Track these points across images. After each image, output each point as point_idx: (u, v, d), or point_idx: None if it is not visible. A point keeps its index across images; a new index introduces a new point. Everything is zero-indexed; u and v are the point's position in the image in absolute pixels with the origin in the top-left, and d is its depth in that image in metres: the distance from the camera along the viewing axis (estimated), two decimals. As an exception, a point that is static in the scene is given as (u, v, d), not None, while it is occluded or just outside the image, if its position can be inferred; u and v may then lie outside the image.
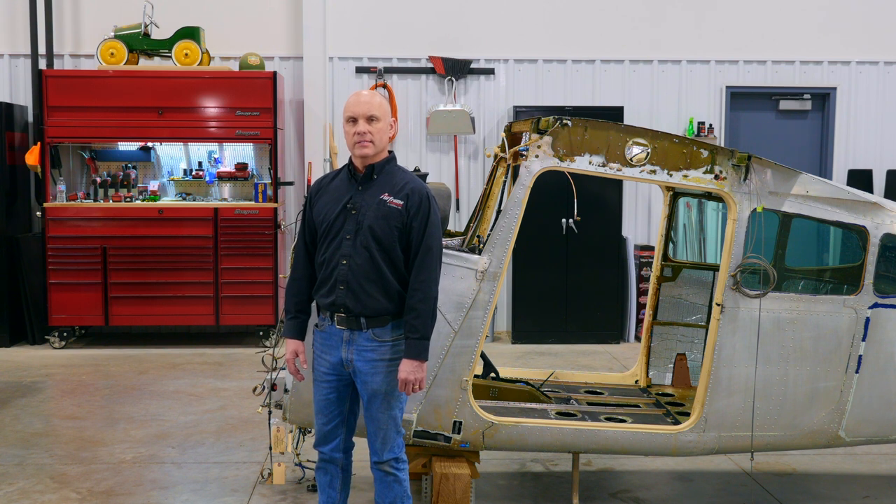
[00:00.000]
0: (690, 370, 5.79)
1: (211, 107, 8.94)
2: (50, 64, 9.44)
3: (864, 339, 4.75)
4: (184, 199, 9.28)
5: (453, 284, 4.49)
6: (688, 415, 4.92)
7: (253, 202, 9.12)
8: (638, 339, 9.21)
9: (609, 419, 4.94)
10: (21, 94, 9.68)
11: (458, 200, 9.90)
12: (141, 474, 5.49)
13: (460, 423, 4.62)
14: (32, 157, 8.91)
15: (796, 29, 10.02)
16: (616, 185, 9.32)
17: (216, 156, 9.44)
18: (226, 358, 8.66)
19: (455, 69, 9.77)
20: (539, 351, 9.08)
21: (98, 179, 9.11)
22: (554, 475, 5.57)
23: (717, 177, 4.60)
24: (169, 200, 9.27)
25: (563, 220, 9.24)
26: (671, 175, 4.60)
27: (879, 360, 4.79)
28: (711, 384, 4.64)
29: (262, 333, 9.20)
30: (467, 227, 5.71)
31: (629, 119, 9.61)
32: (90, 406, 6.96)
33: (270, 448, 5.20)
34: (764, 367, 4.66)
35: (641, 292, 9.35)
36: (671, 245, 5.92)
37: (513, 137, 5.27)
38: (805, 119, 10.24)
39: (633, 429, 4.76)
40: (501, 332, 9.86)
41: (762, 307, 4.62)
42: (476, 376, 5.31)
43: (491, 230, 4.67)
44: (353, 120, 3.83)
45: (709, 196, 5.64)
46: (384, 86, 9.68)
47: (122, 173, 9.18)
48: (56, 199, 8.94)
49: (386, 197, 3.82)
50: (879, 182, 10.10)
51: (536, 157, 4.53)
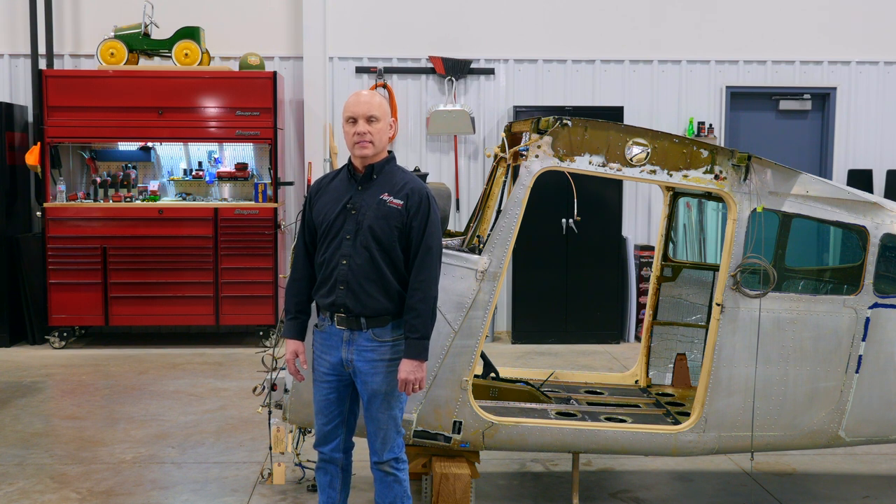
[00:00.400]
0: (690, 370, 5.79)
1: (211, 107, 8.94)
2: (50, 64, 9.44)
3: (864, 339, 4.75)
4: (184, 199, 9.28)
5: (453, 284, 4.49)
6: (688, 415, 4.92)
7: (253, 202, 9.12)
8: (638, 339, 9.21)
9: (609, 419, 4.94)
10: (21, 94, 9.68)
11: (458, 200, 9.89)
12: (141, 474, 5.48)
13: (460, 423, 4.62)
14: (32, 157, 8.91)
15: (796, 29, 10.02)
16: (616, 185, 9.32)
17: (216, 156, 9.44)
18: (226, 358, 8.66)
19: (455, 69, 9.77)
20: (539, 351, 9.08)
21: (98, 179, 9.11)
22: (554, 475, 5.57)
23: (717, 177, 4.60)
24: (169, 200, 9.27)
25: (563, 220, 9.24)
26: (671, 175, 4.60)
27: (879, 360, 4.79)
28: (711, 384, 4.64)
29: (262, 333, 9.21)
30: (467, 227, 5.71)
31: (629, 119, 9.60)
32: (90, 406, 6.96)
33: (270, 448, 5.21)
34: (764, 367, 4.66)
35: (641, 292, 9.35)
36: (671, 245, 5.92)
37: (513, 137, 5.27)
38: (805, 119, 10.24)
39: (633, 429, 4.76)
40: (501, 332, 9.86)
41: (762, 307, 4.62)
42: (476, 376, 5.31)
43: (491, 230, 4.67)
44: (352, 120, 3.83)
45: (709, 196, 5.64)
46: (384, 86, 9.69)
47: (122, 173, 9.18)
48: (56, 199, 8.94)
49: (386, 197, 3.82)
50: (879, 182, 10.09)
51: (536, 157, 4.52)
